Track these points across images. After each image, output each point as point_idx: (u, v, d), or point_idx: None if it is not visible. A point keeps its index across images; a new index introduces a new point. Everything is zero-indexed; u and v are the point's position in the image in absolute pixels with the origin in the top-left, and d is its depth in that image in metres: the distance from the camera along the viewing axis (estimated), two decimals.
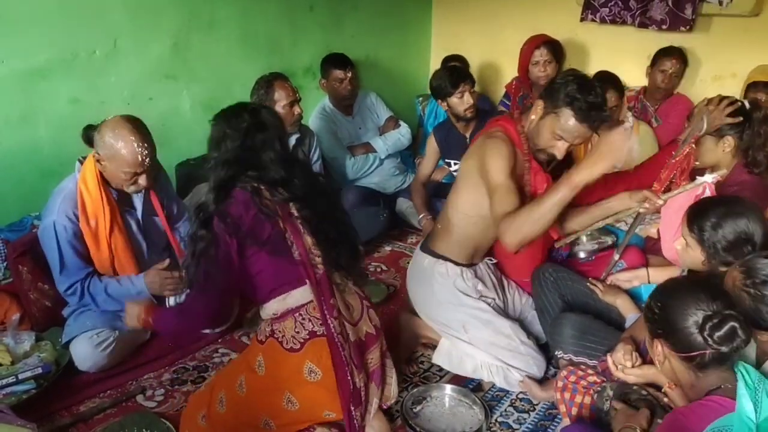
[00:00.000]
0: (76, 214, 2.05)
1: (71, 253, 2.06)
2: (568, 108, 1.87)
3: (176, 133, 3.04)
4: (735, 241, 1.59)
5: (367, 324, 1.77)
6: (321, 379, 1.61)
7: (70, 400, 2.02)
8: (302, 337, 1.62)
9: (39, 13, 2.45)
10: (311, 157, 3.15)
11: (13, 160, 2.51)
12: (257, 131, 1.63)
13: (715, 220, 1.61)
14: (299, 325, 1.62)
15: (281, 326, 1.64)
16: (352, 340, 1.66)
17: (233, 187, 1.60)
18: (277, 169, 1.63)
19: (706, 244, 1.63)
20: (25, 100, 2.50)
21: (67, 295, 2.12)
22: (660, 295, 1.39)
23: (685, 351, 1.30)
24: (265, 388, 1.65)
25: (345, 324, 1.66)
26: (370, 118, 3.63)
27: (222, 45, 3.13)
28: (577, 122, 1.88)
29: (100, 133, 1.99)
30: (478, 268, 2.23)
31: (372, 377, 1.74)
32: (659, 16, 3.27)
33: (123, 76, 2.77)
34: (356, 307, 1.75)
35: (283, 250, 1.60)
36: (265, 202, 1.59)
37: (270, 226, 1.59)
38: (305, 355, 1.61)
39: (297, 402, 1.63)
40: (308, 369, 1.61)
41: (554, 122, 1.91)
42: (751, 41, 3.14)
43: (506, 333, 2.09)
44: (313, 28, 3.54)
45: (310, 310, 1.63)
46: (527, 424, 1.98)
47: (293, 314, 1.63)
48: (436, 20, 4.33)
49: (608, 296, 2.12)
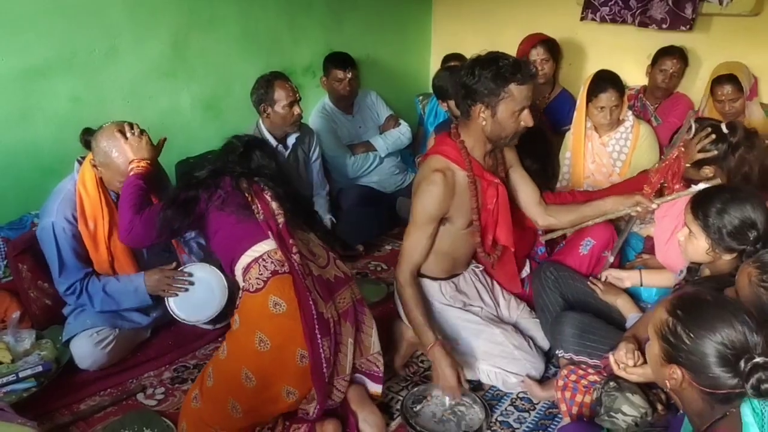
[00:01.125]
0: (74, 216, 2.05)
1: (70, 254, 2.06)
2: (508, 85, 1.86)
3: (176, 131, 3.03)
4: (740, 226, 1.60)
5: (335, 269, 1.92)
6: (286, 310, 1.72)
7: (71, 398, 2.02)
8: (265, 277, 1.75)
9: (38, 12, 2.44)
10: (311, 155, 3.15)
11: (12, 159, 2.50)
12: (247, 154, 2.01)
13: (720, 205, 1.63)
14: (262, 268, 1.77)
15: (248, 276, 1.77)
16: (316, 275, 1.81)
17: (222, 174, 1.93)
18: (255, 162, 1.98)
19: (711, 229, 1.63)
20: (25, 98, 2.49)
21: (66, 295, 2.12)
22: (690, 321, 1.19)
23: (711, 387, 1.17)
24: (241, 335, 1.76)
25: (309, 263, 1.82)
26: (371, 116, 3.63)
27: (222, 43, 3.12)
28: (524, 86, 1.87)
29: (96, 141, 2.00)
30: (462, 278, 2.23)
31: (344, 316, 1.85)
32: (659, 16, 3.27)
33: (122, 75, 2.77)
34: (322, 255, 1.92)
35: (249, 215, 1.86)
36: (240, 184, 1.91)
37: (240, 197, 1.89)
38: (269, 291, 1.73)
39: (268, 339, 1.70)
40: (273, 302, 1.72)
41: (508, 104, 1.89)
42: (752, 41, 3.14)
43: (498, 341, 2.09)
44: (313, 26, 3.54)
45: (272, 255, 1.79)
46: (527, 423, 1.98)
47: (257, 261, 1.78)
48: (436, 19, 4.33)
49: (608, 296, 2.12)
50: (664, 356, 1.24)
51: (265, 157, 2.01)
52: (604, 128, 2.85)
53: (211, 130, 3.18)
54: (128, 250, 2.16)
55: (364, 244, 3.16)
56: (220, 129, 3.19)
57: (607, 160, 2.88)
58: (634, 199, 2.06)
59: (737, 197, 1.64)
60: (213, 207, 1.89)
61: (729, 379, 1.14)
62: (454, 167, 2.01)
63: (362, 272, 2.99)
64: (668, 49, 3.23)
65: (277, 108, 2.81)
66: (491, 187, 2.04)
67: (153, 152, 2.09)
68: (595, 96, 2.74)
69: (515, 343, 2.09)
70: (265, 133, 2.92)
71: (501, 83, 1.86)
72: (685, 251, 1.77)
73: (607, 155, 2.89)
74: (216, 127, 3.19)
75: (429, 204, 1.98)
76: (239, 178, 1.93)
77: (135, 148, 2.03)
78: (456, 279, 2.21)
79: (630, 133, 2.86)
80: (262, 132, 2.92)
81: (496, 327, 2.12)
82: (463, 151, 2.00)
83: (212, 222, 1.90)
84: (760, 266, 1.39)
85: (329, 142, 3.34)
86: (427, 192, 1.98)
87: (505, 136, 1.98)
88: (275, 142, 2.94)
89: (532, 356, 2.10)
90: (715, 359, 1.15)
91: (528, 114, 1.93)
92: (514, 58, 1.90)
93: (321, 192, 3.21)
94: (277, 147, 2.95)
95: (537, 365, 2.10)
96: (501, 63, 1.86)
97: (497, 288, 2.32)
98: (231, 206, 1.87)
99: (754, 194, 1.67)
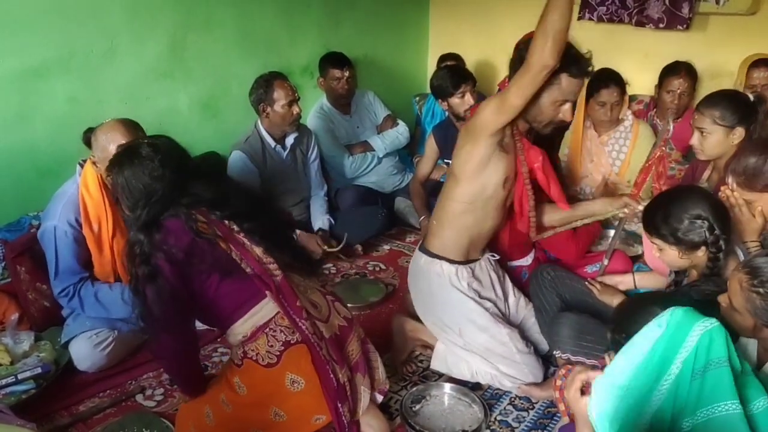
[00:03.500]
0: (78, 221, 2.05)
1: (67, 258, 2.06)
2: (563, 74, 1.85)
3: (173, 132, 2.98)
4: (689, 224, 1.68)
5: (338, 317, 1.73)
6: (305, 387, 1.57)
7: (70, 400, 2.01)
8: (277, 350, 1.56)
9: (36, 13, 2.44)
10: (309, 156, 3.15)
11: (10, 160, 2.50)
12: (167, 163, 1.59)
13: (662, 213, 1.72)
14: (272, 339, 1.57)
15: (254, 345, 1.57)
16: (327, 337, 1.63)
17: (161, 219, 1.53)
18: (205, 190, 1.59)
19: (668, 238, 1.72)
20: (22, 99, 2.49)
21: (59, 297, 2.12)
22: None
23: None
24: (249, 405, 1.61)
25: (316, 323, 1.62)
26: (368, 116, 3.63)
27: (219, 44, 3.12)
28: (575, 79, 1.88)
29: (95, 136, 2.00)
30: (477, 265, 2.21)
31: (356, 369, 1.72)
32: (656, 15, 3.27)
33: (120, 76, 2.76)
34: (322, 304, 1.71)
35: (232, 269, 1.55)
36: (200, 226, 1.53)
37: (211, 248, 1.53)
38: (284, 368, 1.56)
39: (285, 414, 1.59)
40: (290, 380, 1.57)
41: (553, 93, 1.88)
42: (748, 40, 3.14)
43: (503, 341, 2.07)
44: (310, 27, 3.54)
45: (279, 321, 1.58)
46: (526, 423, 1.99)
47: (263, 330, 1.57)
48: (434, 19, 4.34)
49: (605, 297, 2.13)
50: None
51: (209, 185, 1.61)
52: (604, 126, 2.85)
53: (208, 131, 3.18)
54: None
55: (362, 244, 3.16)
56: (218, 129, 3.21)
57: (605, 160, 2.89)
58: (622, 201, 2.10)
59: (673, 199, 1.75)
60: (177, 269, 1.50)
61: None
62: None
63: (361, 272, 2.99)
64: (673, 67, 3.05)
65: (277, 107, 2.81)
66: (533, 150, 2.04)
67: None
68: (597, 91, 2.75)
69: (519, 347, 2.08)
70: (263, 133, 2.92)
71: (560, 70, 1.82)
72: (667, 265, 1.87)
73: (606, 154, 2.89)
74: (214, 128, 3.20)
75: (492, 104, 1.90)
76: (189, 216, 1.52)
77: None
78: (473, 265, 2.19)
79: (629, 132, 2.87)
80: (261, 132, 2.92)
81: (504, 327, 2.10)
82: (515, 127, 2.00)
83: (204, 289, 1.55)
84: (749, 271, 1.41)
85: (327, 143, 3.34)
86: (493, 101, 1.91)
87: (540, 121, 1.97)
88: (274, 142, 2.95)
89: (533, 363, 2.08)
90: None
91: (569, 108, 1.93)
92: (577, 50, 1.88)
93: (319, 192, 3.22)
94: (275, 147, 2.96)
95: (536, 372, 2.08)
96: (569, 49, 1.81)
97: (508, 283, 2.31)
98: (203, 263, 1.52)
99: (689, 189, 1.82)
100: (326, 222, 3.11)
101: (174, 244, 1.50)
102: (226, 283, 1.55)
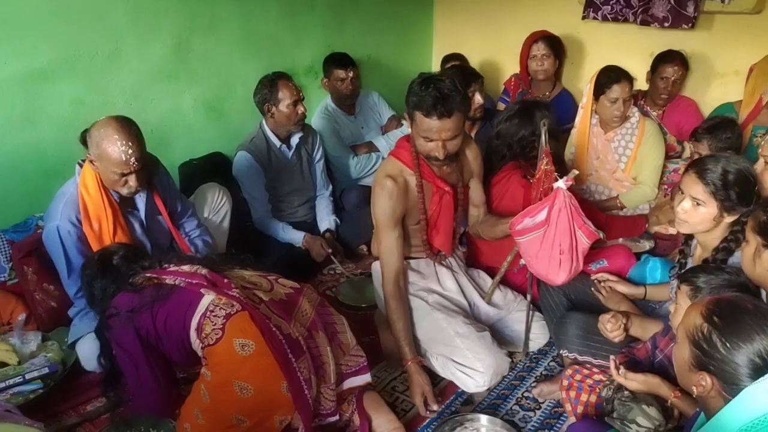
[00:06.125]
0: (78, 219, 2.05)
1: (77, 257, 2.06)
2: (416, 111, 1.92)
3: (178, 133, 3.04)
4: (744, 179, 1.70)
5: (283, 288, 1.87)
6: (255, 349, 1.63)
7: (77, 399, 2.03)
8: (221, 324, 1.66)
9: (41, 15, 2.45)
10: (314, 156, 3.15)
11: (16, 161, 2.51)
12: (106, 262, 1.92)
13: (724, 162, 1.71)
14: (214, 318, 1.67)
15: (204, 333, 1.67)
16: (267, 300, 1.76)
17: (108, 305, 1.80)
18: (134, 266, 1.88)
19: (717, 186, 1.69)
20: (28, 101, 2.50)
21: (77, 297, 2.12)
22: (727, 329, 1.13)
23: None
24: (217, 387, 1.67)
25: (255, 292, 1.77)
26: (372, 117, 3.63)
27: (223, 45, 3.13)
28: (428, 119, 1.90)
29: (90, 134, 1.99)
30: (421, 261, 2.24)
31: (313, 327, 1.81)
32: (661, 14, 3.26)
33: (125, 77, 2.77)
34: (262, 282, 1.86)
35: (169, 291, 1.75)
36: (136, 282, 1.81)
37: (147, 289, 1.77)
38: (230, 336, 1.64)
39: (250, 386, 1.63)
40: (239, 345, 1.63)
41: (416, 128, 1.97)
42: (754, 39, 3.13)
43: (441, 326, 2.04)
44: (314, 27, 3.54)
45: (216, 302, 1.70)
46: (533, 423, 1.98)
47: (205, 316, 1.68)
48: (438, 19, 4.34)
49: (611, 303, 2.13)
50: (694, 362, 1.18)
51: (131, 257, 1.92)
52: (613, 123, 2.85)
53: (213, 132, 3.19)
54: None
55: (367, 244, 3.16)
56: (223, 130, 3.21)
57: (611, 157, 2.89)
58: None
59: (738, 159, 1.75)
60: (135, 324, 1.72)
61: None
62: (406, 171, 2.08)
63: (366, 272, 2.99)
64: (667, 55, 3.15)
65: (281, 107, 2.82)
66: (437, 193, 2.10)
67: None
68: (608, 87, 2.74)
69: (459, 330, 2.02)
70: (268, 133, 2.92)
71: (412, 107, 1.94)
72: (693, 224, 1.77)
73: (612, 151, 2.89)
74: (218, 129, 3.21)
75: (383, 208, 2.06)
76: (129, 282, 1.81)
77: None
78: (415, 261, 2.23)
79: (636, 128, 2.86)
80: (266, 132, 2.93)
81: (439, 312, 2.08)
82: (414, 155, 2.07)
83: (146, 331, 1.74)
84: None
85: (332, 143, 3.34)
86: (379, 196, 2.07)
87: (425, 154, 2.04)
88: (279, 142, 2.95)
89: (478, 348, 1.98)
90: (748, 371, 1.10)
91: (436, 147, 1.95)
92: (440, 90, 1.87)
93: (324, 192, 3.22)
94: (280, 147, 2.96)
95: (486, 360, 1.96)
96: (423, 89, 1.89)
97: (482, 275, 2.33)
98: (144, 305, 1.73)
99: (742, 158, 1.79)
100: (332, 223, 3.12)
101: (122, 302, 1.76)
102: (167, 305, 1.73)
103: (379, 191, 2.07)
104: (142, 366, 1.74)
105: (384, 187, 2.05)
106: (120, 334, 1.73)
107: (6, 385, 1.92)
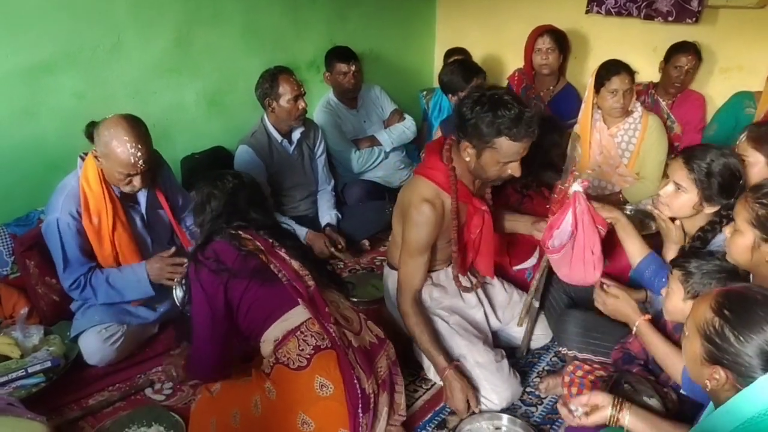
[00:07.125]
0: (78, 212, 2.05)
1: (74, 250, 2.06)
2: (499, 138, 1.78)
3: (180, 127, 3.04)
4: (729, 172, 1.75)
5: (369, 334, 1.82)
6: (333, 393, 1.61)
7: (79, 393, 2.03)
8: (308, 354, 1.63)
9: (43, 9, 2.44)
10: (316, 150, 3.15)
11: (18, 155, 2.50)
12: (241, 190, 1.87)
13: (712, 152, 1.78)
14: (302, 343, 1.64)
15: (285, 350, 1.65)
16: (356, 346, 1.70)
17: (212, 241, 1.77)
18: (265, 218, 1.88)
19: (700, 175, 1.75)
20: (30, 94, 2.49)
21: (71, 290, 2.12)
22: (738, 322, 1.11)
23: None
24: (279, 410, 1.64)
25: (346, 332, 1.71)
26: (375, 111, 3.62)
27: (226, 39, 3.12)
28: (516, 143, 1.79)
29: (98, 131, 1.98)
30: (441, 273, 2.18)
31: (383, 386, 1.75)
32: (665, 8, 3.25)
33: (127, 71, 2.76)
34: (354, 319, 1.81)
35: (271, 278, 1.73)
36: (245, 243, 1.76)
37: (254, 260, 1.74)
38: (314, 371, 1.62)
39: (312, 422, 1.61)
40: (319, 383, 1.62)
41: (494, 155, 1.83)
42: (758, 33, 3.12)
43: (461, 353, 2.01)
44: (316, 21, 3.53)
45: (309, 326, 1.67)
46: (535, 418, 1.98)
47: (294, 334, 1.66)
48: (441, 13, 4.32)
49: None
50: (706, 356, 1.15)
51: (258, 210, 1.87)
52: (614, 116, 2.84)
53: (215, 126, 3.18)
54: (133, 244, 2.16)
55: (369, 239, 3.16)
56: (225, 124, 3.21)
57: (614, 152, 2.88)
58: (544, 224, 2.03)
59: (726, 152, 1.80)
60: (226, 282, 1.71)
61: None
62: (443, 194, 1.98)
63: (368, 267, 2.99)
64: (682, 45, 3.17)
65: (282, 102, 2.81)
66: (477, 214, 2.03)
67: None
68: (608, 79, 2.74)
69: (478, 359, 1.99)
70: (270, 127, 2.92)
71: (492, 134, 1.78)
72: (673, 209, 1.86)
73: (615, 146, 2.88)
74: (220, 123, 3.20)
75: (422, 236, 1.97)
76: (235, 235, 1.77)
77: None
78: (435, 273, 2.17)
79: (639, 123, 2.86)
80: (267, 127, 2.92)
81: (461, 338, 2.03)
82: (452, 176, 1.96)
83: (233, 296, 1.73)
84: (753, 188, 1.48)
85: (334, 137, 3.34)
86: (416, 223, 1.96)
87: (486, 178, 1.95)
88: (280, 137, 2.94)
89: (497, 378, 1.96)
90: (761, 362, 1.08)
91: (517, 166, 1.86)
92: (519, 109, 1.77)
93: (326, 187, 3.21)
94: (282, 142, 2.96)
95: (501, 389, 1.95)
96: (500, 112, 1.75)
97: (496, 286, 2.28)
98: (244, 271, 1.71)
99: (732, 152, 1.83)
100: (334, 217, 3.11)
101: (222, 260, 1.72)
102: (262, 290, 1.71)
103: (416, 216, 1.95)
104: (218, 322, 1.73)
105: (422, 213, 1.94)
106: (209, 282, 1.70)
107: (8, 378, 1.93)
